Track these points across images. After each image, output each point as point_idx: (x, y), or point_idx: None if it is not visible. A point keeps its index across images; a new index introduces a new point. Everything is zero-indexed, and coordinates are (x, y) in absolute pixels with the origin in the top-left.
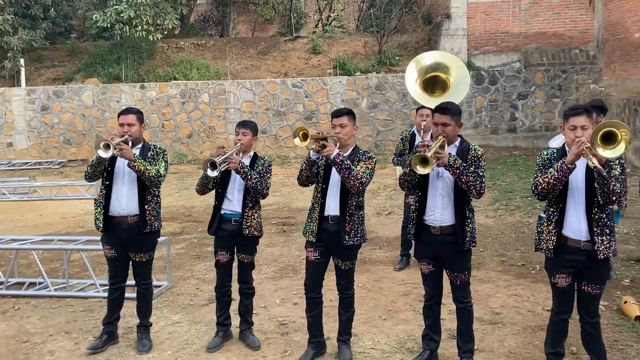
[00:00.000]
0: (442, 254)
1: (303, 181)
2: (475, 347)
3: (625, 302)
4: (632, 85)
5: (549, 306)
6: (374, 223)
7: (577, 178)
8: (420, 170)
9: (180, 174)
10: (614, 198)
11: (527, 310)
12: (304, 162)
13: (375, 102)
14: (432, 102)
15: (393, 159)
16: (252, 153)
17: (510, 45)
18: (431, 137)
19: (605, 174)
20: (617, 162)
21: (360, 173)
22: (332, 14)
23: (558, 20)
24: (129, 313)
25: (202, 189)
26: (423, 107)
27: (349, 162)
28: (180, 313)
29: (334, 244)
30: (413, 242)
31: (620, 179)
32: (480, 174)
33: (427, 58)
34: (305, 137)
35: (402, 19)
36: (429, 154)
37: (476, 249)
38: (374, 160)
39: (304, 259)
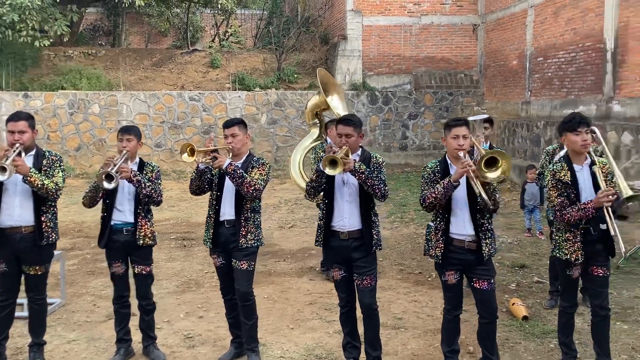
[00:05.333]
0: (351, 258)
1: (194, 190)
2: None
3: (513, 304)
4: (510, 108)
5: None
6: (276, 236)
7: (460, 191)
8: (330, 171)
9: (69, 188)
10: (495, 207)
11: (427, 315)
12: (194, 172)
13: (274, 118)
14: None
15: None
16: (137, 160)
17: (402, 67)
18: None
19: (484, 197)
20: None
21: (255, 180)
22: (229, 30)
23: (445, 45)
24: (17, 333)
25: (91, 202)
26: (335, 121)
27: (241, 170)
28: (77, 331)
29: (231, 248)
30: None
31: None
32: (383, 178)
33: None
34: (192, 152)
35: (300, 37)
36: (338, 156)
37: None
38: (267, 166)
39: (206, 272)
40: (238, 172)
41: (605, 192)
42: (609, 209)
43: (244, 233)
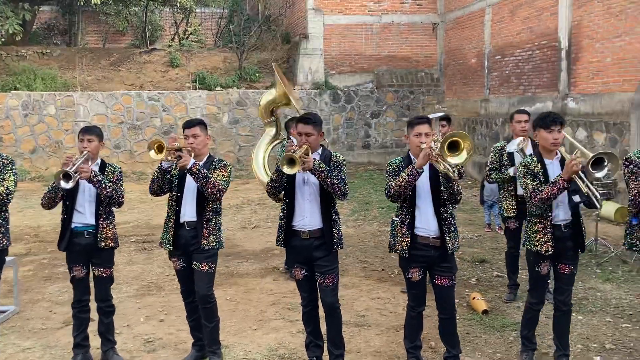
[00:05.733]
0: (313, 258)
1: (155, 190)
2: (345, 349)
3: (474, 298)
4: (470, 106)
5: None
6: (239, 237)
7: (424, 183)
8: (288, 170)
9: (24, 192)
10: (457, 198)
11: (389, 312)
12: (156, 172)
13: (236, 118)
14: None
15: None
16: (99, 160)
17: (363, 66)
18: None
19: (450, 176)
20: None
21: (218, 180)
22: (189, 29)
23: (406, 44)
24: None
25: (50, 203)
26: (297, 120)
27: (205, 171)
28: (32, 338)
29: (192, 250)
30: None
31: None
32: (343, 177)
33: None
34: (160, 149)
35: (261, 36)
36: (296, 154)
37: (339, 257)
38: (229, 167)
39: (167, 275)
40: (202, 172)
41: (571, 158)
42: (581, 177)
43: (205, 235)
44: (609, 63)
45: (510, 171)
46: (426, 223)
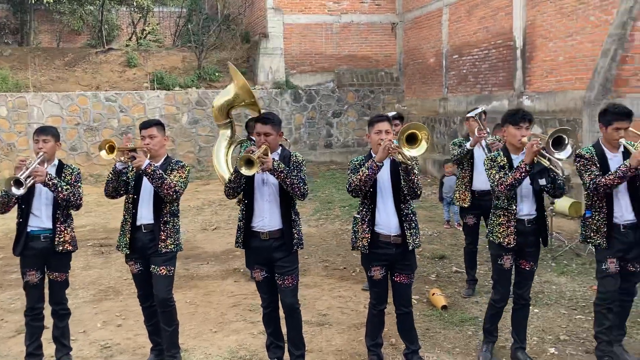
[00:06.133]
0: (272, 259)
1: (110, 193)
2: (306, 348)
3: (433, 294)
4: (429, 105)
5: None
6: (200, 239)
7: (384, 179)
8: (246, 171)
9: None
10: (418, 192)
11: (351, 310)
12: (110, 173)
13: (196, 118)
14: None
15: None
16: (56, 161)
17: (324, 66)
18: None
19: (409, 168)
20: (418, 160)
21: (174, 182)
22: (146, 28)
23: (366, 44)
24: None
25: (2, 208)
26: (255, 120)
27: (161, 171)
28: None
29: (150, 253)
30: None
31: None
32: (303, 177)
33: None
34: (112, 149)
35: (220, 35)
36: (255, 155)
37: (301, 256)
38: (187, 169)
39: (125, 279)
40: (158, 173)
41: (530, 142)
42: (543, 155)
43: (163, 237)
44: (561, 62)
45: (467, 145)
46: (387, 220)
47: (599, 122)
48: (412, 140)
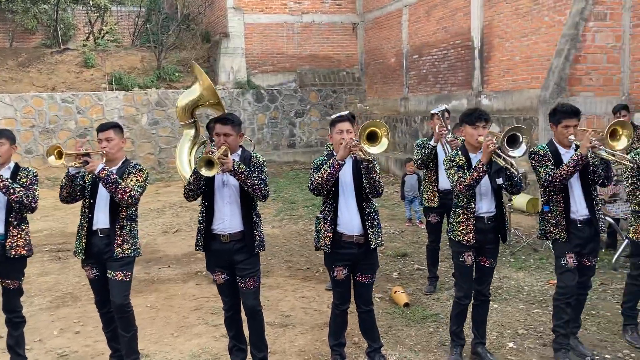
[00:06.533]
0: (233, 261)
1: (65, 198)
2: (269, 350)
3: (395, 292)
4: (390, 104)
5: None
6: (160, 242)
7: (346, 178)
8: (206, 172)
9: None
10: (379, 190)
11: (314, 310)
12: (64, 178)
13: (156, 119)
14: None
15: None
16: (12, 164)
17: (286, 65)
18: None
19: (371, 165)
20: (376, 160)
21: (130, 186)
22: (104, 27)
23: (327, 44)
24: None
25: None
26: (215, 120)
27: (115, 176)
28: None
29: (106, 258)
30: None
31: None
32: (264, 178)
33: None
34: (60, 155)
35: (180, 35)
36: (215, 156)
37: (264, 257)
38: (145, 172)
39: (84, 285)
40: (112, 177)
41: (486, 142)
42: (499, 154)
43: (119, 242)
44: (518, 61)
45: (432, 142)
46: (349, 219)
47: (550, 122)
48: (372, 138)
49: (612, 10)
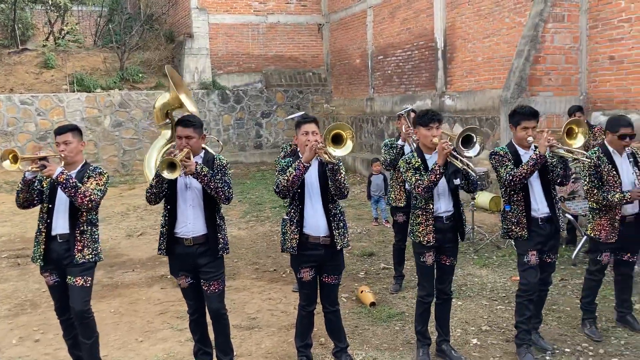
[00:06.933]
0: (197, 265)
1: (22, 203)
2: (235, 353)
3: (362, 291)
4: (356, 105)
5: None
6: (124, 245)
7: (312, 180)
8: (168, 175)
9: None
10: (345, 192)
11: (281, 312)
12: (20, 183)
13: (119, 121)
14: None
15: None
16: None
17: (251, 66)
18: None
19: (336, 167)
20: (341, 162)
21: (90, 190)
22: (65, 27)
23: (293, 44)
24: None
25: None
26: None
27: (74, 180)
28: None
29: (66, 264)
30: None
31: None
32: (227, 180)
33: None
34: (15, 159)
35: (143, 36)
36: (177, 158)
37: (231, 260)
38: (105, 175)
39: (44, 291)
40: (71, 181)
41: (441, 144)
42: (455, 156)
43: (79, 247)
44: (480, 62)
45: (399, 142)
46: (315, 220)
47: (509, 123)
48: (337, 140)
49: (570, 12)
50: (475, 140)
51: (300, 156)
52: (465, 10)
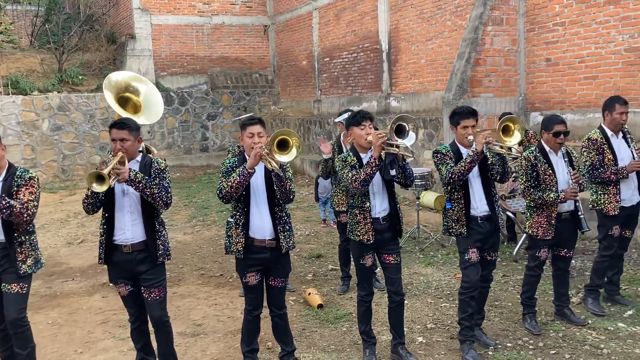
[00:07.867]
0: (137, 272)
1: None
2: None
3: (309, 293)
4: (304, 106)
5: None
6: (64, 253)
7: (258, 183)
8: (97, 188)
9: None
10: (290, 197)
11: (227, 317)
12: None
13: (58, 124)
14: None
15: None
16: None
17: (196, 67)
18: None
19: (281, 174)
20: (289, 166)
21: (25, 202)
22: None
23: (238, 46)
24: None
25: None
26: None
27: (7, 201)
28: None
29: (1, 272)
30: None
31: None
32: (166, 185)
33: (119, 76)
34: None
35: (83, 36)
36: (105, 171)
37: (175, 265)
38: (35, 179)
39: None
40: (4, 202)
41: (375, 137)
42: (390, 144)
43: (22, 259)
44: (423, 64)
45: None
46: (261, 223)
47: (450, 124)
48: (283, 145)
49: (508, 16)
50: (407, 128)
51: (247, 157)
52: (409, 13)
